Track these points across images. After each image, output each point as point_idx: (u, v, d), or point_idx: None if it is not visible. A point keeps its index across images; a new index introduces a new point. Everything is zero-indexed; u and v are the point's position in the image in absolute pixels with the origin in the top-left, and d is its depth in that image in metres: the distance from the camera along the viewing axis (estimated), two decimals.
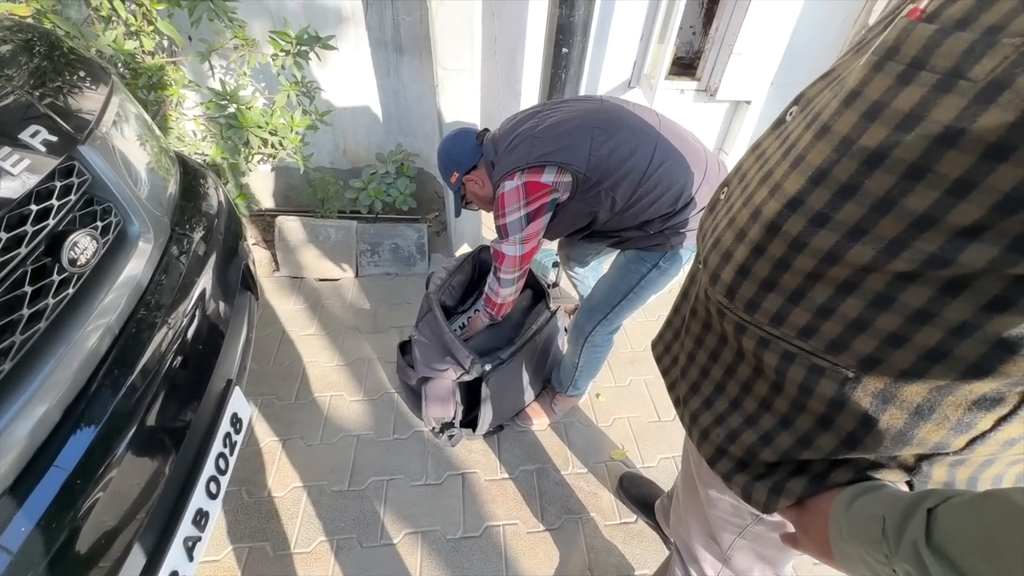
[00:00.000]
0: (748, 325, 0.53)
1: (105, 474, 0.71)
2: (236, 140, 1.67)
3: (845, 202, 0.42)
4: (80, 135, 0.82)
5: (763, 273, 0.50)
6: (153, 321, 0.88)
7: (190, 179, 1.21)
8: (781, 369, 0.50)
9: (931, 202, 0.37)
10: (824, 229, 0.44)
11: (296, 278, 2.13)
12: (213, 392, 0.98)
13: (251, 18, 1.78)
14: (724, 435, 0.58)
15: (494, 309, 1.40)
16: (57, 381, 0.70)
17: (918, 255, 0.39)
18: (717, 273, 0.56)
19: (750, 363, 0.55)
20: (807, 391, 0.48)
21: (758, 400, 0.55)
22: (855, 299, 0.43)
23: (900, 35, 0.39)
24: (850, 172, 0.42)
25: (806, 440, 0.50)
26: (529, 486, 1.47)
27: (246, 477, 1.43)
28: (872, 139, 0.40)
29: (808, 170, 0.45)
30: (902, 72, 0.38)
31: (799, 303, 0.47)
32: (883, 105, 0.39)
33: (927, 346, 0.40)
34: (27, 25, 1.07)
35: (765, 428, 0.54)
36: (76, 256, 0.75)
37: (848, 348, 0.45)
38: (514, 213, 1.18)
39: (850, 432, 0.46)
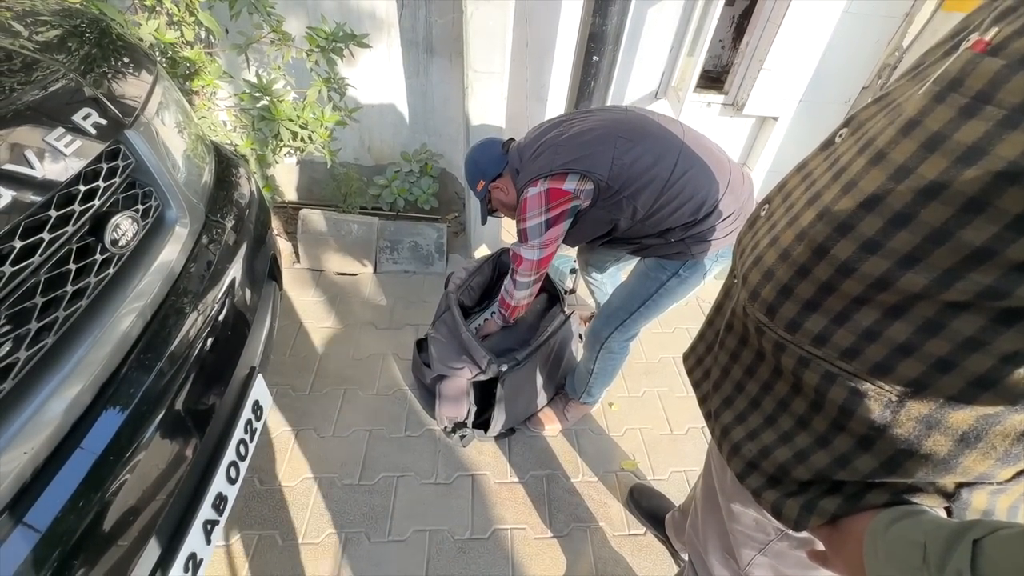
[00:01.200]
0: (788, 344, 0.53)
1: (133, 456, 0.72)
2: (267, 132, 1.70)
3: (899, 230, 0.42)
4: (127, 120, 0.83)
5: (807, 294, 0.50)
6: (185, 307, 0.89)
7: (223, 168, 1.23)
8: (821, 389, 0.50)
9: (989, 236, 0.37)
10: (875, 256, 0.44)
11: (316, 271, 2.15)
12: (237, 379, 0.99)
13: (287, 14, 1.81)
14: (756, 450, 0.58)
15: (508, 311, 1.42)
16: (93, 360, 0.72)
17: (973, 286, 0.38)
18: (758, 291, 0.56)
19: (788, 381, 0.55)
20: (848, 412, 0.48)
21: (795, 418, 0.54)
22: (903, 323, 0.43)
23: (965, 67, 0.39)
24: (905, 201, 0.41)
25: (843, 460, 0.49)
26: (539, 491, 1.46)
27: (259, 465, 1.45)
28: (931, 170, 0.39)
29: (860, 196, 0.45)
30: (966, 105, 0.38)
31: (843, 325, 0.47)
32: (944, 136, 0.39)
33: (977, 373, 0.40)
34: (77, 11, 1.10)
35: (800, 446, 0.53)
36: (118, 237, 0.77)
37: (893, 372, 0.44)
38: (535, 218, 1.20)
39: (891, 455, 0.46)
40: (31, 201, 0.63)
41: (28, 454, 0.60)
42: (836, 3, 1.85)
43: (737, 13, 2.74)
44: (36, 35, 0.91)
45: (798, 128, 2.28)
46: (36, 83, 0.75)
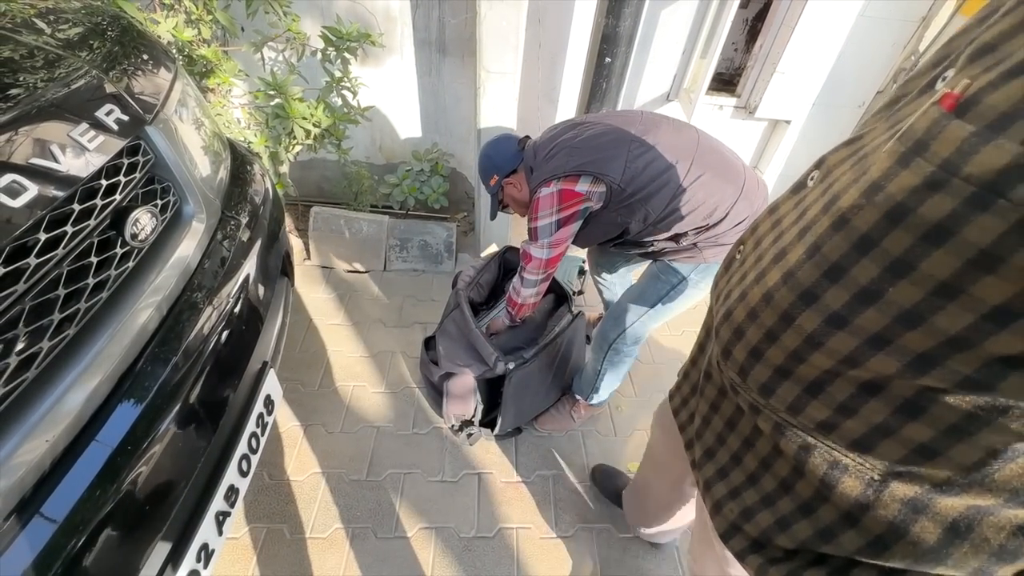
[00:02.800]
0: (763, 409, 0.50)
1: (148, 449, 0.73)
2: (280, 130, 1.71)
3: (866, 308, 0.38)
4: (147, 116, 0.85)
5: (777, 360, 0.47)
6: (200, 302, 0.91)
7: (239, 165, 1.25)
8: (800, 458, 0.47)
9: (965, 325, 0.33)
10: (842, 332, 0.40)
11: (326, 268, 2.17)
12: (250, 373, 1.00)
13: (302, 13, 1.83)
14: (738, 511, 0.55)
15: (515, 309, 1.43)
16: (112, 353, 0.73)
17: (952, 376, 0.35)
18: (729, 349, 0.53)
19: (768, 441, 0.52)
20: (829, 486, 0.45)
21: (777, 480, 0.51)
22: (880, 403, 0.40)
23: (931, 129, 0.34)
24: (871, 277, 0.37)
25: (828, 534, 0.46)
26: (544, 491, 1.47)
27: (268, 459, 1.46)
28: (896, 246, 0.36)
29: (824, 263, 0.41)
30: (931, 174, 0.33)
31: (817, 397, 0.44)
32: (908, 210, 0.35)
33: (965, 464, 0.37)
34: (98, 8, 1.12)
35: (783, 512, 0.50)
36: (137, 231, 0.78)
37: (873, 450, 0.41)
38: (546, 218, 1.20)
39: (877, 536, 0.43)
40: (55, 195, 0.65)
41: (49, 442, 0.61)
42: (852, 6, 1.83)
43: (751, 16, 2.73)
44: (59, 32, 0.93)
45: (811, 132, 2.26)
46: (60, 80, 0.76)
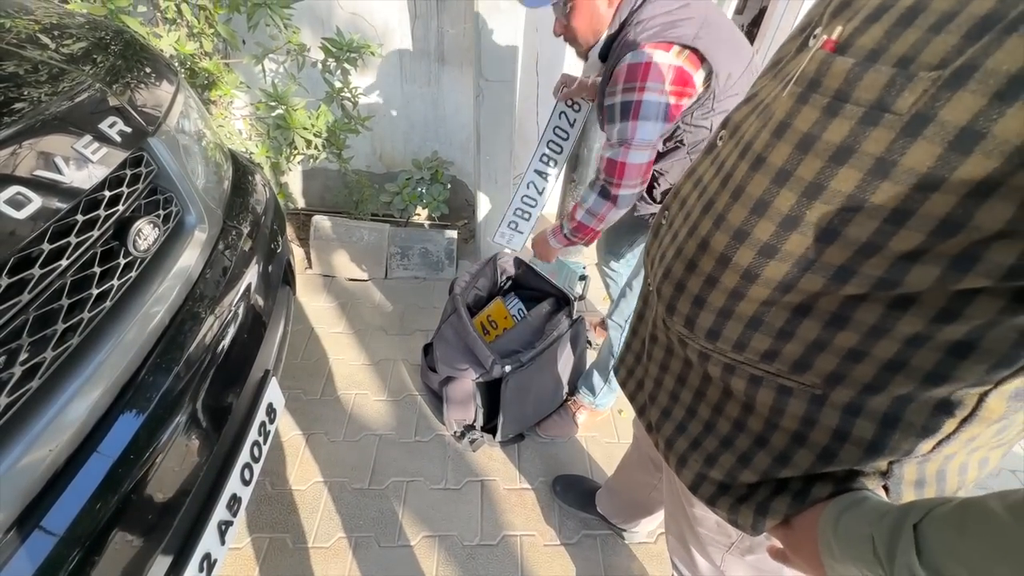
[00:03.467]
0: (712, 353, 0.54)
1: (151, 459, 0.73)
2: (281, 140, 1.73)
3: (790, 233, 0.43)
4: (150, 128, 0.86)
5: (719, 303, 0.51)
6: (202, 312, 0.91)
7: (240, 175, 1.26)
8: (750, 392, 0.51)
9: (872, 231, 0.38)
10: (773, 260, 0.45)
11: (327, 276, 2.17)
12: (252, 382, 1.00)
13: (302, 25, 1.85)
14: (702, 460, 0.58)
15: (585, 236, 1.22)
16: (114, 363, 0.73)
17: (866, 280, 0.40)
18: (673, 304, 0.57)
19: (718, 386, 0.55)
20: (778, 411, 0.49)
21: (731, 421, 0.55)
22: (811, 321, 0.44)
23: (820, 67, 0.40)
24: (791, 203, 0.42)
25: (783, 457, 0.50)
26: (548, 498, 1.46)
27: (270, 468, 1.46)
28: (807, 171, 0.41)
29: (749, 201, 0.46)
30: (827, 105, 0.39)
31: (758, 329, 0.48)
32: (814, 137, 0.40)
33: (885, 358, 0.42)
34: (102, 23, 1.14)
35: (741, 449, 0.54)
36: (140, 242, 0.79)
37: (812, 367, 0.46)
38: (656, 93, 0.95)
39: (824, 446, 0.47)
40: (59, 207, 0.65)
41: (52, 452, 0.62)
42: None
43: (746, 21, 2.75)
44: (63, 47, 0.94)
45: None
46: (64, 93, 0.77)
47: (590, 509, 1.38)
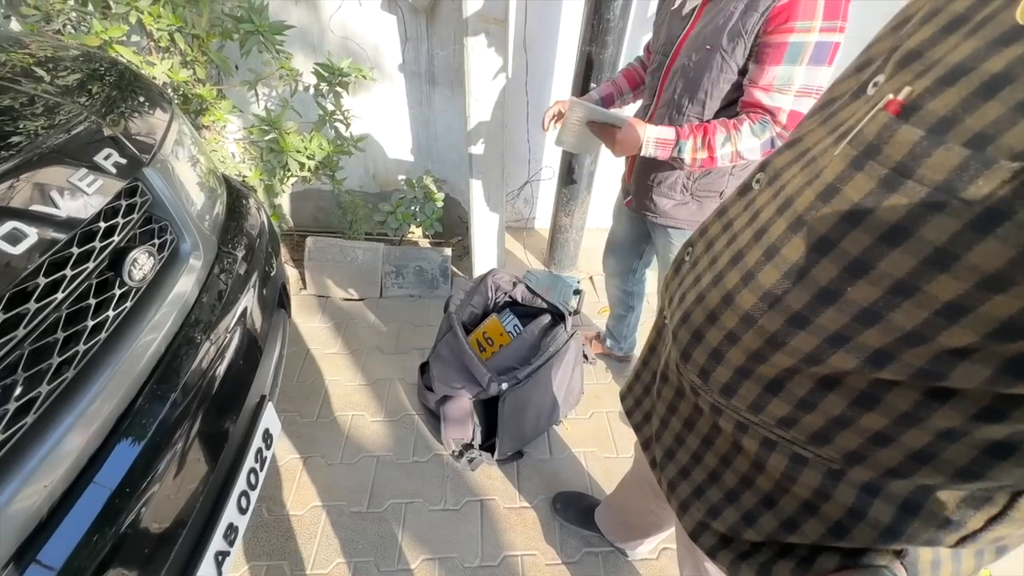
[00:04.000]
0: (725, 409, 0.51)
1: (147, 489, 0.73)
2: (275, 163, 1.74)
3: (826, 307, 0.39)
4: (145, 158, 0.87)
5: (738, 361, 0.48)
6: (198, 338, 0.91)
7: (234, 200, 1.26)
8: (761, 455, 0.49)
9: (920, 321, 0.34)
10: (804, 332, 0.41)
11: (322, 297, 2.17)
12: (248, 407, 1.00)
13: (294, 50, 1.88)
14: (705, 509, 0.56)
15: (698, 159, 1.03)
16: (110, 394, 0.73)
17: (906, 369, 0.36)
18: (688, 351, 0.54)
19: (728, 440, 0.53)
20: (790, 478, 0.47)
21: (739, 476, 0.53)
22: (837, 396, 0.42)
23: (882, 133, 0.35)
24: (830, 276, 0.39)
25: (791, 524, 0.48)
26: (548, 516, 1.45)
27: (267, 494, 1.44)
28: (854, 246, 0.37)
29: (783, 264, 0.42)
30: (885, 177, 0.35)
31: (778, 394, 0.45)
32: (866, 211, 0.36)
33: (914, 447, 0.39)
34: (96, 55, 1.15)
35: (747, 507, 0.52)
36: (135, 272, 0.79)
37: (831, 442, 0.43)
38: (831, 32, 0.86)
39: (837, 521, 0.45)
40: (54, 239, 0.66)
41: (48, 487, 0.61)
42: None
43: None
44: (58, 79, 0.95)
45: None
46: (59, 126, 0.78)
47: (591, 526, 1.37)
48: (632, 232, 1.48)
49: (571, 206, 2.13)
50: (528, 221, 2.67)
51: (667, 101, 1.11)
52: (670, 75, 1.09)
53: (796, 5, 0.85)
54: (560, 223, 2.22)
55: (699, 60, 1.01)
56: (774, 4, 0.87)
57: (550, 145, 2.35)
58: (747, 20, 0.91)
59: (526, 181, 2.49)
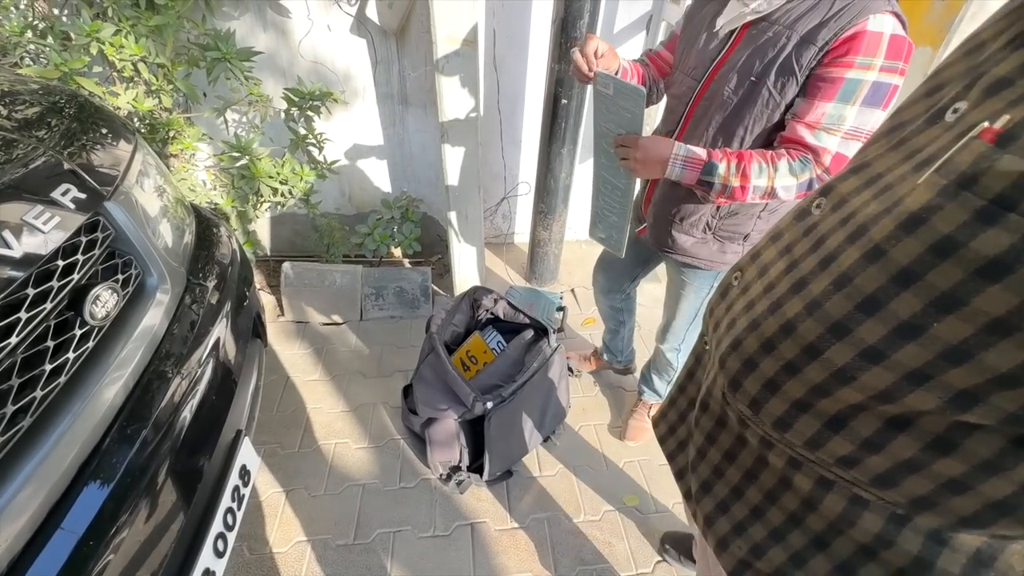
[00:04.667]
0: (776, 443, 0.48)
1: (116, 535, 0.69)
2: (247, 189, 1.72)
3: (906, 343, 0.36)
4: (106, 192, 0.84)
5: (797, 394, 0.45)
6: (168, 372, 0.88)
7: (204, 228, 1.24)
8: (815, 494, 0.46)
9: (1018, 363, 0.32)
10: (878, 367, 0.38)
11: (301, 323, 2.13)
12: (223, 443, 0.96)
13: (264, 75, 1.87)
14: (747, 548, 0.53)
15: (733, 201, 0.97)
16: (74, 437, 0.70)
17: (994, 412, 0.34)
18: (739, 380, 0.51)
19: (775, 475, 0.50)
20: (847, 520, 0.44)
21: (786, 513, 0.49)
22: (908, 438, 0.39)
23: (978, 162, 0.33)
24: (913, 311, 0.36)
25: (847, 569, 0.45)
26: (540, 536, 1.42)
27: (248, 532, 1.38)
28: (943, 280, 0.34)
29: (856, 295, 0.39)
30: (982, 209, 0.32)
31: (839, 432, 0.43)
32: (958, 244, 0.33)
33: (994, 498, 0.36)
34: (55, 88, 1.12)
35: (796, 547, 0.49)
36: (97, 310, 0.76)
37: (898, 486, 0.40)
38: (892, 74, 0.81)
39: (900, 568, 0.42)
40: (9, 279, 0.63)
41: (6, 543, 0.57)
42: None
43: None
44: (15, 113, 0.92)
45: None
46: (16, 161, 0.76)
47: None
48: (630, 257, 1.38)
49: (549, 220, 2.15)
50: (507, 236, 2.68)
51: (698, 131, 1.02)
52: (701, 102, 1.01)
53: (860, 39, 0.79)
54: (539, 237, 2.23)
55: (742, 93, 0.92)
56: (836, 37, 0.80)
57: (526, 161, 2.37)
58: (802, 54, 0.84)
59: (503, 197, 2.50)
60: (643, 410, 1.71)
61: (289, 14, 1.79)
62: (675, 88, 1.09)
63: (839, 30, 0.80)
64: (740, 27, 0.94)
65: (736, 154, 0.93)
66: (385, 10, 1.78)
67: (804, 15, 0.85)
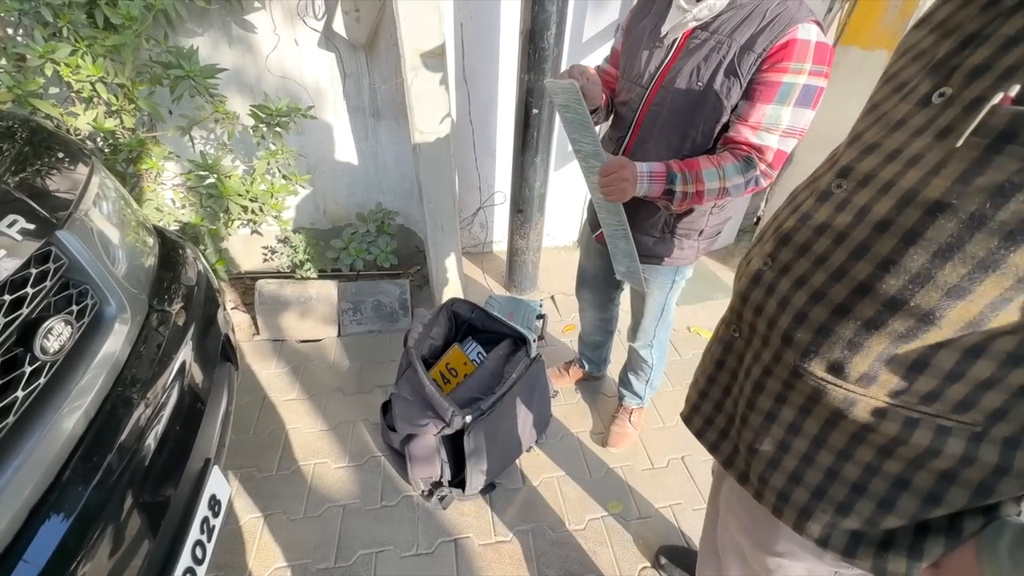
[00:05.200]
0: (861, 397, 0.52)
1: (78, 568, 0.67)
2: (216, 208, 1.69)
3: (986, 274, 0.43)
4: (58, 220, 0.82)
5: (880, 347, 0.50)
6: (131, 399, 0.86)
7: (168, 251, 1.21)
8: (902, 436, 0.50)
9: None
10: (963, 301, 0.44)
11: (277, 341, 2.09)
12: (191, 472, 0.94)
13: (231, 91, 1.84)
14: (832, 509, 0.57)
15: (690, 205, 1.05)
16: (27, 476, 0.67)
17: None
18: (812, 349, 0.55)
19: (846, 431, 0.54)
20: (932, 452, 0.49)
21: (862, 467, 0.54)
22: (985, 361, 0.45)
23: (1013, 120, 0.41)
24: (989, 247, 0.42)
25: (933, 498, 0.50)
26: (525, 548, 1.41)
27: (224, 561, 1.35)
28: (1012, 216, 0.41)
29: (930, 246, 0.45)
30: None
31: (923, 371, 0.48)
32: (1017, 185, 0.40)
33: None
34: (6, 113, 1.09)
35: (880, 493, 0.53)
36: (49, 344, 0.74)
37: (975, 406, 0.46)
38: (819, 77, 0.90)
39: (980, 483, 0.47)
40: None
41: None
42: None
43: None
44: None
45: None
46: None
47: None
48: (604, 265, 1.42)
49: (525, 228, 2.15)
50: (485, 245, 2.68)
51: (650, 135, 1.07)
52: (651, 108, 1.05)
53: (793, 46, 0.88)
54: (516, 246, 2.23)
55: (692, 97, 0.98)
56: (772, 44, 0.89)
57: (500, 171, 2.38)
58: (743, 60, 0.92)
59: (479, 207, 2.50)
60: (624, 415, 1.71)
61: (255, 29, 1.77)
62: (623, 96, 1.14)
63: (774, 38, 0.89)
64: (681, 37, 1.00)
65: (686, 163, 0.99)
66: (353, 24, 1.78)
67: (739, 25, 0.92)
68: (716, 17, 0.95)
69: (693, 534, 1.46)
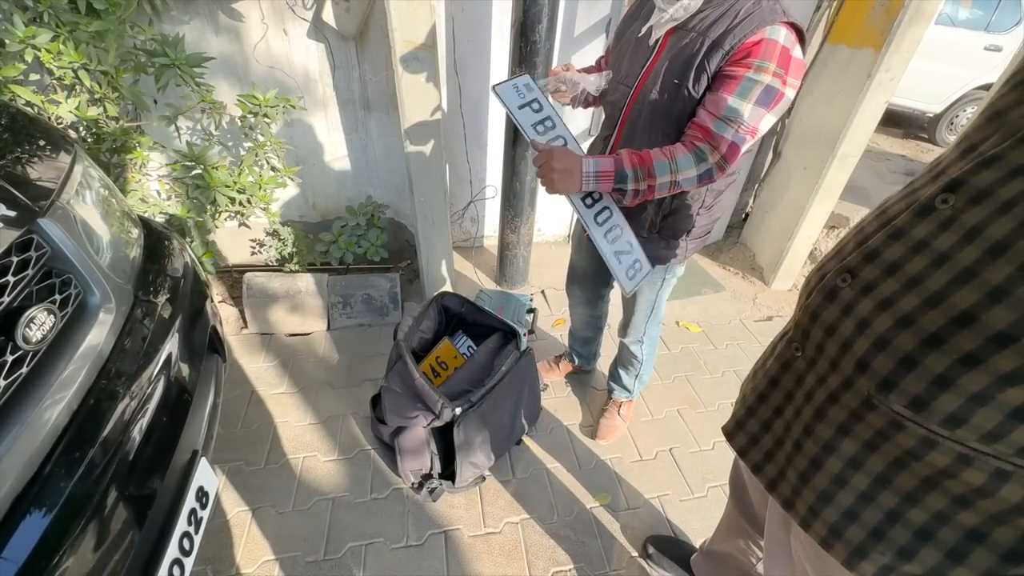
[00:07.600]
0: (944, 440, 0.48)
1: (61, 563, 0.66)
2: (203, 200, 1.66)
3: None
4: (40, 207, 0.80)
5: (977, 387, 0.44)
6: (115, 391, 0.84)
7: (154, 242, 1.19)
8: (988, 488, 0.46)
9: None
10: None
11: (266, 335, 2.07)
12: (177, 465, 0.93)
13: (218, 80, 1.81)
14: (891, 552, 0.53)
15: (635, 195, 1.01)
16: (11, 465, 0.66)
17: None
18: (893, 380, 0.50)
19: (917, 474, 0.50)
20: (1020, 509, 0.45)
21: (931, 513, 0.50)
22: None
23: None
24: None
25: (1015, 555, 0.46)
26: (514, 540, 1.42)
27: (212, 554, 1.34)
28: None
29: None
30: None
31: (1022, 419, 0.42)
32: None
33: None
34: None
35: (950, 543, 0.50)
36: (31, 333, 0.72)
37: None
38: (781, 82, 0.90)
39: None
40: None
41: None
42: None
43: None
44: None
45: None
46: None
47: (688, 570, 1.29)
48: (595, 262, 1.47)
49: (516, 223, 2.15)
50: (476, 239, 2.67)
51: (635, 133, 1.09)
52: (634, 106, 1.07)
53: (760, 46, 0.89)
54: (507, 240, 2.23)
55: (668, 93, 1.00)
56: (741, 42, 0.90)
57: (492, 165, 2.37)
58: (712, 57, 0.93)
59: (470, 201, 2.49)
60: (614, 408, 1.73)
61: (242, 18, 1.75)
62: (611, 95, 1.17)
63: (743, 36, 0.90)
64: (663, 37, 1.03)
65: (639, 156, 0.98)
66: (342, 14, 1.76)
67: (715, 22, 0.94)
68: (695, 16, 0.96)
69: (680, 524, 1.48)
